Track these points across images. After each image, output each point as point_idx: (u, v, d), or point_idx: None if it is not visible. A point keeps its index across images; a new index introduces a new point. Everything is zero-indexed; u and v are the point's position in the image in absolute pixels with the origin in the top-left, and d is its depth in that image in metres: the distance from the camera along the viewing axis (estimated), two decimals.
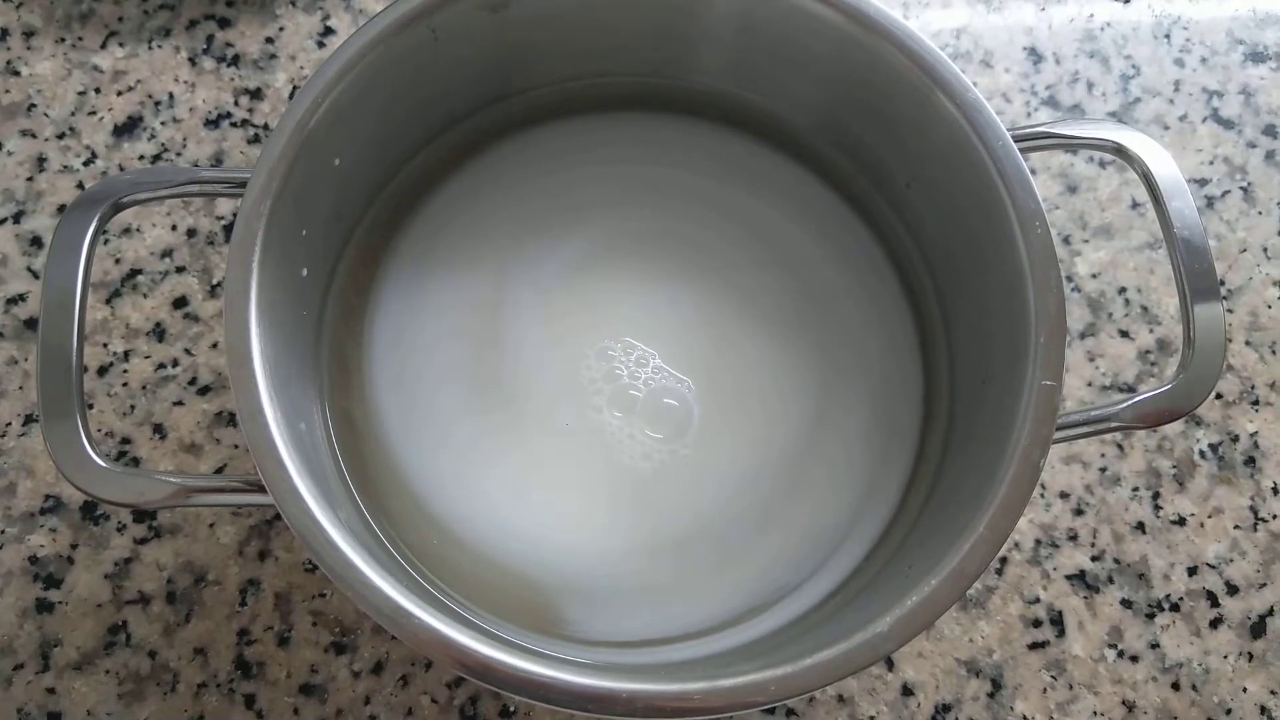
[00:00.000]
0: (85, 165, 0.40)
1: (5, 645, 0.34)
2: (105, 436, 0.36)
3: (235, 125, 0.41)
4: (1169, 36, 0.44)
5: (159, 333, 0.38)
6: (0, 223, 0.39)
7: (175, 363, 0.37)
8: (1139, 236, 0.41)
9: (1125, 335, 0.40)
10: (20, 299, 0.38)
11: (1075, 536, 0.37)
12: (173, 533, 0.35)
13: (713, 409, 0.33)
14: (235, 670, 0.34)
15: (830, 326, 0.34)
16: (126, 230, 0.39)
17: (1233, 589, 0.37)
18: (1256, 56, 0.44)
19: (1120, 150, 0.31)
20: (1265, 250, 0.41)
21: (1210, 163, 0.42)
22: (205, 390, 0.37)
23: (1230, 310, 0.40)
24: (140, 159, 0.40)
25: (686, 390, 0.33)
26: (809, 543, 0.31)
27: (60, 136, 0.40)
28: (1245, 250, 0.41)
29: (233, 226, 0.39)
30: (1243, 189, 0.42)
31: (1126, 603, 0.36)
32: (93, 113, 0.41)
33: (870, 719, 0.34)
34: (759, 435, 0.33)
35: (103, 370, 0.37)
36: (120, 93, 0.41)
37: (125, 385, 0.37)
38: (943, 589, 0.25)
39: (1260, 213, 0.42)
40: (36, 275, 0.38)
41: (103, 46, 0.42)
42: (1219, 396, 0.39)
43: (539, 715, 0.34)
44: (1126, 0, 0.45)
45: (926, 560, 0.26)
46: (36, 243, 0.39)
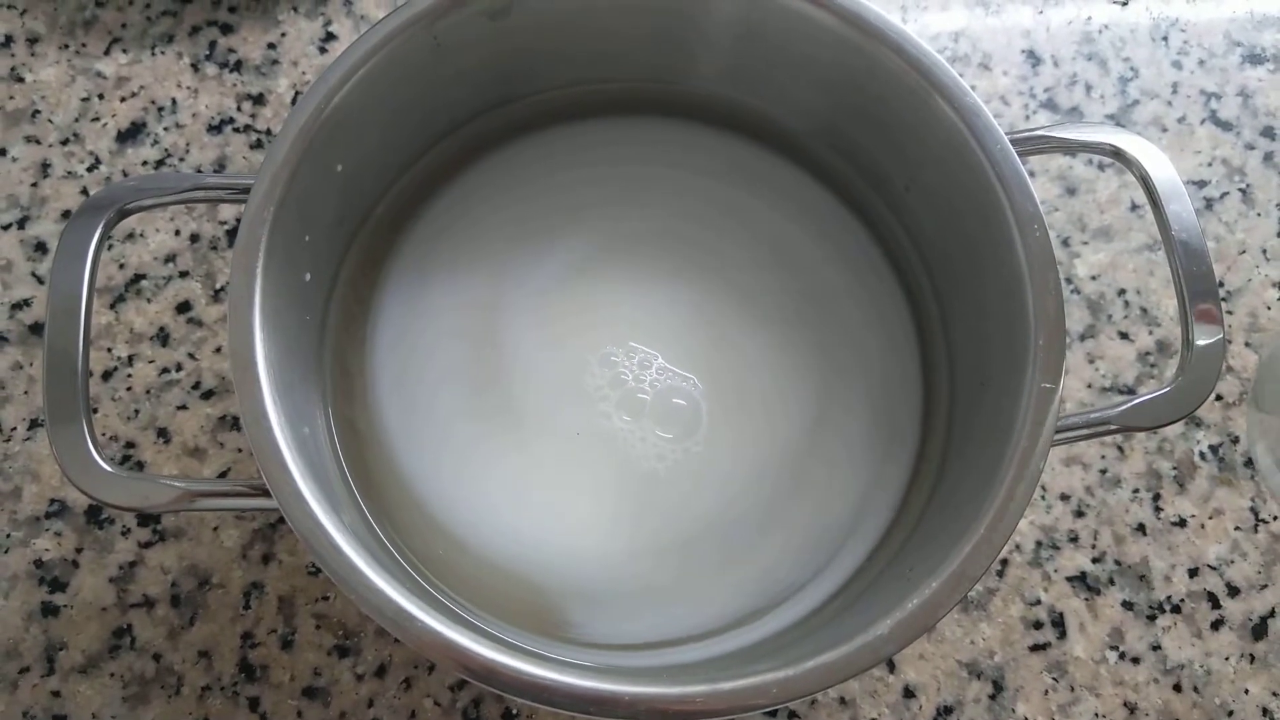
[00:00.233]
0: (89, 171, 0.40)
1: (11, 648, 0.34)
2: (109, 441, 0.36)
3: (238, 131, 0.41)
4: (1167, 39, 0.44)
5: (163, 337, 0.38)
6: (5, 228, 0.39)
7: (179, 367, 0.38)
8: (1138, 238, 0.41)
9: (1125, 337, 0.40)
10: (25, 304, 0.38)
11: (1076, 538, 0.37)
12: (177, 536, 0.35)
13: (718, 407, 0.33)
14: (239, 673, 0.34)
15: (830, 326, 0.34)
16: (130, 235, 0.39)
17: (1234, 590, 0.37)
18: (1254, 58, 0.44)
19: (1118, 154, 0.31)
20: (1264, 251, 0.41)
21: (1209, 164, 0.42)
22: (209, 394, 0.37)
23: (1229, 312, 0.40)
24: (144, 165, 0.40)
25: (693, 388, 0.33)
26: (811, 544, 0.32)
27: (64, 142, 0.40)
28: (1244, 252, 0.41)
29: (236, 232, 0.39)
30: (1241, 190, 0.42)
31: (1128, 604, 0.36)
32: (96, 119, 0.41)
33: None
34: (761, 434, 0.33)
35: (107, 375, 0.37)
36: (124, 99, 0.41)
37: (129, 390, 0.37)
38: (944, 591, 0.25)
39: (1259, 214, 0.42)
40: (41, 280, 0.39)
41: (106, 53, 0.42)
42: (1219, 398, 0.39)
43: (541, 718, 0.34)
44: (1124, 3, 0.45)
45: (928, 562, 0.26)
46: (41, 248, 0.39)
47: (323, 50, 0.42)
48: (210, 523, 0.36)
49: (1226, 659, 0.36)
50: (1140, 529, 0.37)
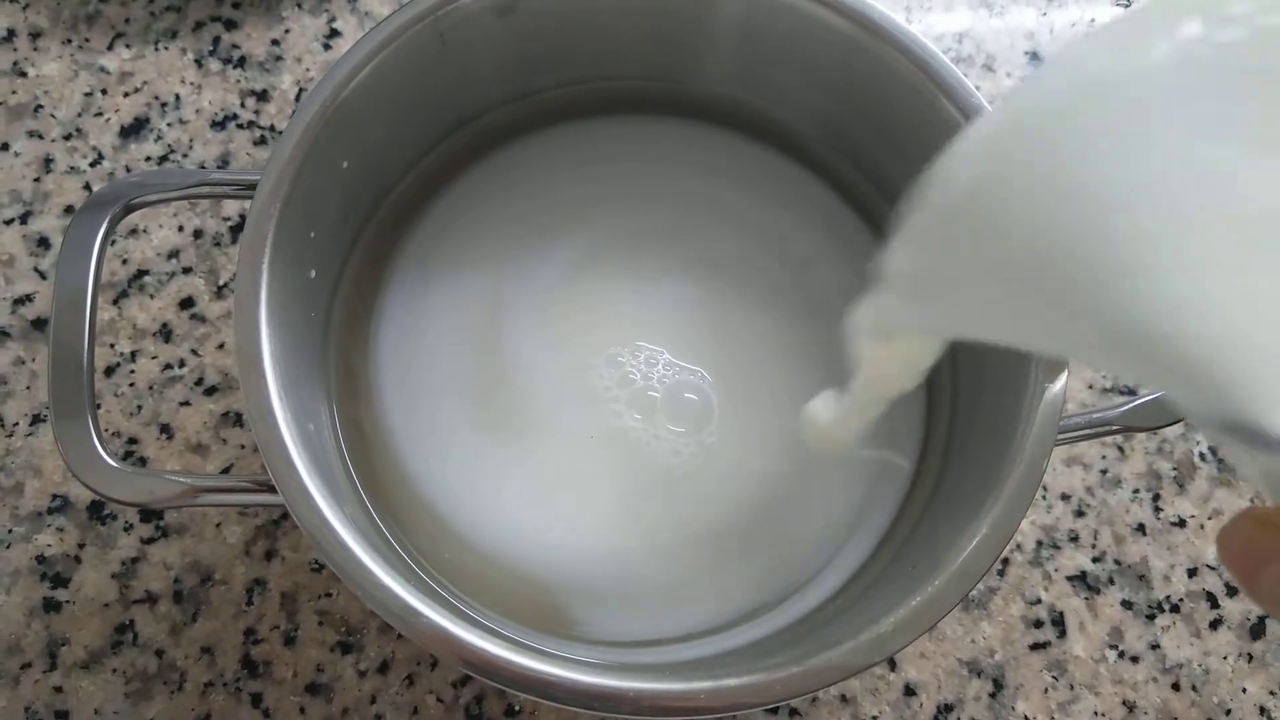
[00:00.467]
0: (92, 166, 0.40)
1: (13, 644, 0.34)
2: (112, 436, 0.36)
3: (241, 127, 0.41)
4: None
5: (166, 333, 0.38)
6: (7, 224, 0.39)
7: (182, 363, 0.38)
8: None
9: None
10: (28, 299, 0.38)
11: (1076, 538, 0.37)
12: (179, 532, 0.35)
13: (728, 399, 0.33)
14: (242, 669, 0.34)
15: (834, 323, 0.34)
16: (134, 231, 0.39)
17: (1232, 590, 0.37)
18: None
19: None
20: None
21: None
22: (212, 390, 0.37)
23: None
24: (147, 160, 0.40)
25: (702, 381, 0.33)
26: (815, 540, 0.32)
27: (67, 137, 0.40)
28: None
29: (239, 228, 0.39)
30: None
31: (1127, 604, 0.36)
32: (99, 114, 0.41)
33: (873, 719, 0.35)
34: (770, 426, 0.33)
35: (110, 370, 0.37)
36: (127, 94, 0.41)
37: (132, 385, 0.37)
38: (946, 590, 0.25)
39: None
40: (44, 276, 0.38)
41: (109, 48, 0.42)
42: None
43: (544, 714, 0.34)
44: (1127, 4, 0.45)
45: (930, 560, 0.26)
46: (44, 243, 0.39)
47: (327, 47, 0.42)
48: (213, 519, 0.36)
49: (1225, 658, 0.36)
50: (1140, 529, 0.37)
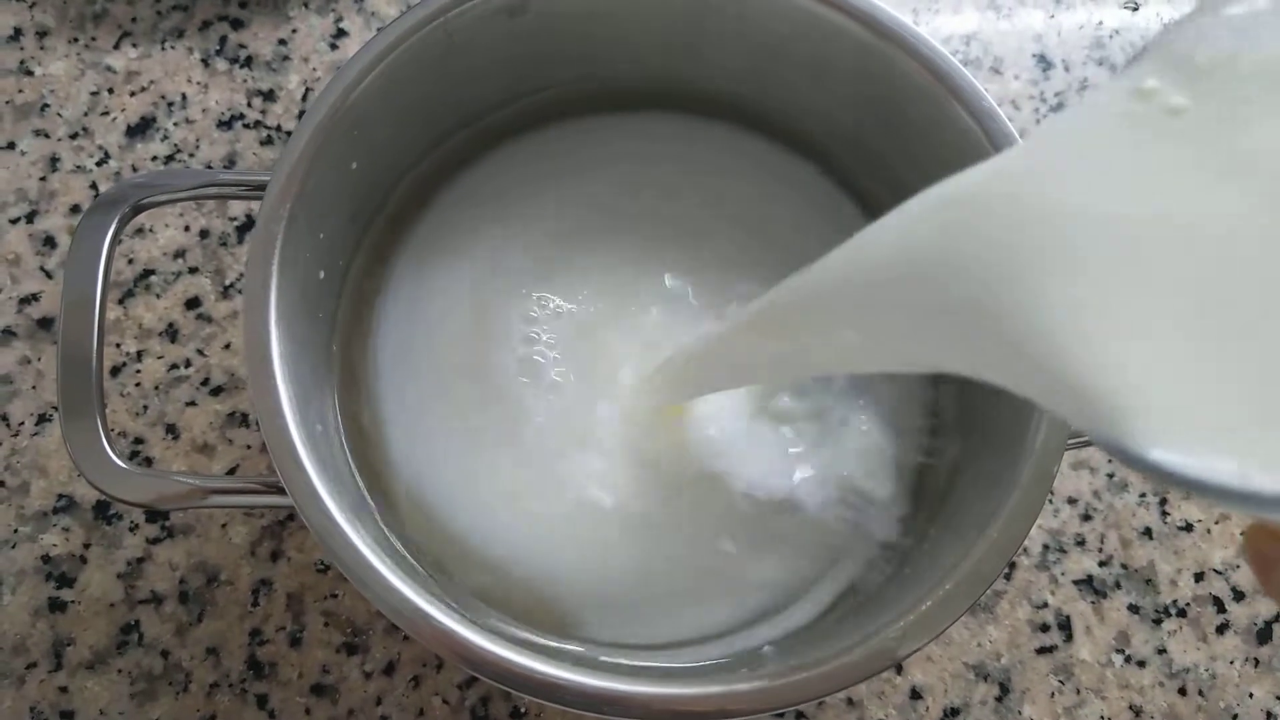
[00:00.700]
0: (98, 165, 0.40)
1: (18, 644, 0.34)
2: (118, 436, 0.36)
3: (248, 126, 0.41)
4: None
5: (172, 333, 0.38)
6: (14, 222, 0.39)
7: (188, 363, 0.37)
8: None
9: None
10: (34, 298, 0.38)
11: (1083, 542, 0.37)
12: (185, 533, 0.35)
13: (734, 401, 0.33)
14: (247, 670, 0.34)
15: None
16: (140, 231, 0.39)
17: (1239, 595, 0.37)
18: None
19: None
20: None
21: None
22: (218, 391, 0.37)
23: None
24: (153, 160, 0.40)
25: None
26: (823, 543, 0.31)
27: (73, 137, 0.40)
28: None
29: (245, 228, 0.39)
30: None
31: (1134, 608, 0.36)
32: (106, 113, 0.41)
33: None
34: (774, 433, 0.32)
35: (116, 370, 0.37)
36: (133, 93, 0.41)
37: (138, 385, 0.37)
38: (956, 595, 0.25)
39: None
40: (49, 275, 0.38)
41: (116, 47, 0.42)
42: None
43: (550, 717, 0.34)
44: (1135, 7, 0.45)
45: (940, 564, 0.26)
46: (49, 242, 0.39)
47: (334, 47, 0.42)
48: (219, 519, 0.36)
49: (1231, 663, 0.36)
50: (1147, 533, 0.37)
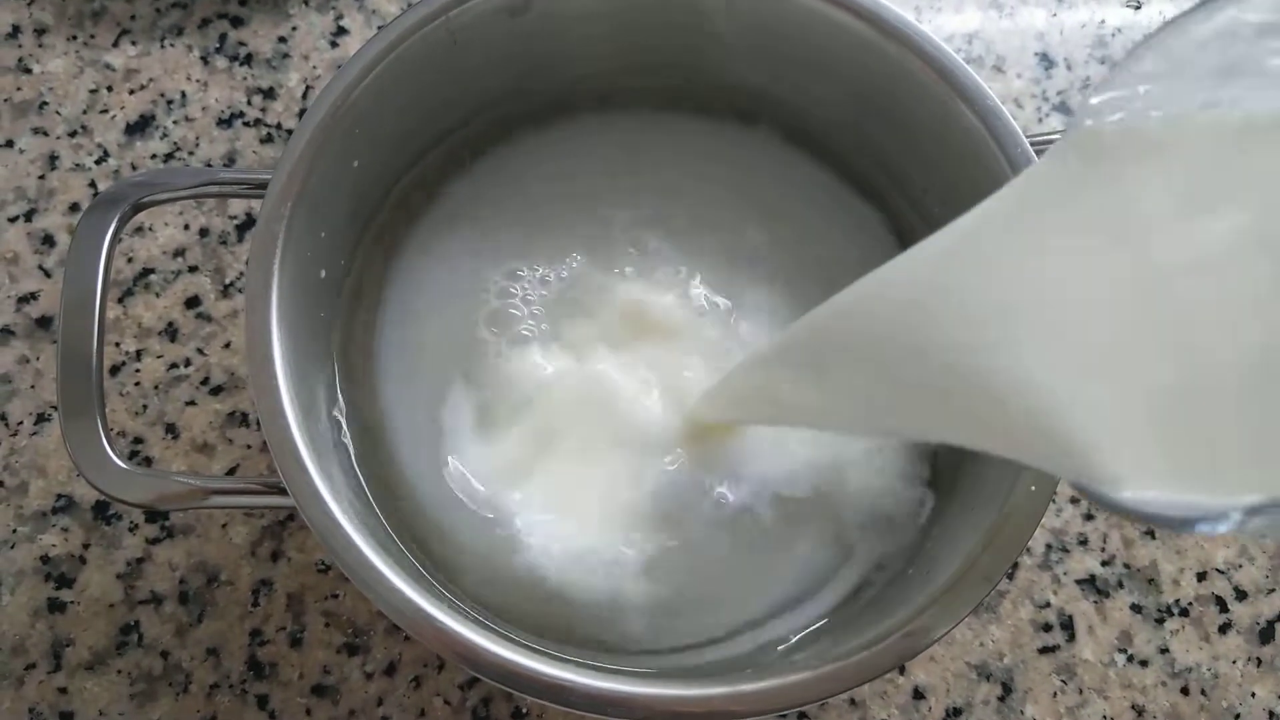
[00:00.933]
0: (97, 164, 0.40)
1: (17, 645, 0.34)
2: (118, 436, 0.36)
3: (248, 125, 0.41)
4: None
5: (171, 332, 0.38)
6: (12, 221, 0.39)
7: (188, 362, 0.37)
8: None
9: None
10: (32, 297, 0.38)
11: (1085, 541, 0.37)
12: (185, 533, 0.35)
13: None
14: (248, 671, 0.34)
15: None
16: (139, 229, 0.39)
17: (1241, 594, 0.37)
18: None
19: None
20: None
21: None
22: (218, 390, 0.37)
23: None
24: (152, 158, 0.40)
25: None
26: (828, 546, 0.31)
27: (72, 135, 0.40)
28: None
29: (245, 226, 0.39)
30: None
31: (1136, 607, 0.36)
32: (105, 111, 0.40)
33: None
34: (786, 432, 0.32)
35: (115, 370, 0.37)
36: (132, 91, 0.41)
37: (137, 385, 0.37)
38: (961, 596, 0.25)
39: None
40: (48, 274, 0.38)
41: (115, 44, 0.41)
42: None
43: (550, 717, 0.34)
44: (1138, 6, 0.45)
45: (945, 564, 0.26)
46: (48, 241, 0.39)
47: (334, 44, 0.42)
48: (219, 519, 0.35)
49: (1234, 662, 0.36)
50: (1149, 532, 0.37)
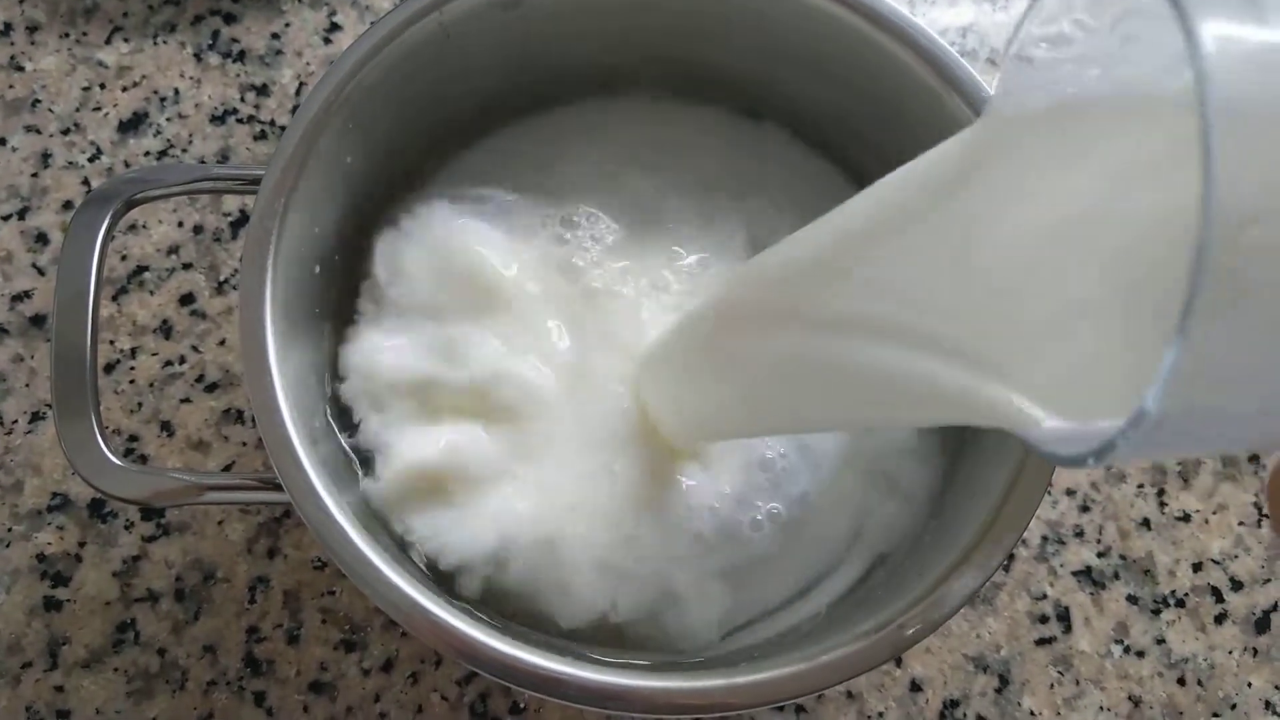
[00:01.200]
0: (90, 161, 0.40)
1: (13, 643, 0.34)
2: (113, 434, 0.36)
3: (241, 121, 0.40)
4: None
5: (166, 330, 0.38)
6: (5, 219, 0.39)
7: (182, 360, 0.37)
8: None
9: None
10: (26, 295, 0.38)
11: (1081, 533, 0.37)
12: (181, 530, 0.35)
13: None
14: (245, 668, 0.34)
15: None
16: (133, 227, 0.39)
17: (1237, 585, 0.37)
18: None
19: None
20: None
21: None
22: (213, 387, 0.37)
23: None
24: (146, 155, 0.40)
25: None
26: (827, 537, 0.31)
27: (65, 132, 0.40)
28: None
29: (239, 223, 0.39)
30: None
31: (1132, 599, 0.37)
32: (98, 108, 0.40)
33: (879, 715, 0.35)
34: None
35: (110, 367, 0.37)
36: (125, 88, 0.41)
37: (132, 382, 0.37)
38: (957, 586, 0.25)
39: None
40: (42, 272, 0.38)
41: (107, 42, 0.41)
42: None
43: (549, 711, 0.34)
44: None
45: (941, 558, 0.26)
46: (42, 239, 0.38)
47: (327, 41, 0.42)
48: (215, 516, 0.35)
49: (1230, 653, 0.36)
50: (1145, 524, 0.37)
